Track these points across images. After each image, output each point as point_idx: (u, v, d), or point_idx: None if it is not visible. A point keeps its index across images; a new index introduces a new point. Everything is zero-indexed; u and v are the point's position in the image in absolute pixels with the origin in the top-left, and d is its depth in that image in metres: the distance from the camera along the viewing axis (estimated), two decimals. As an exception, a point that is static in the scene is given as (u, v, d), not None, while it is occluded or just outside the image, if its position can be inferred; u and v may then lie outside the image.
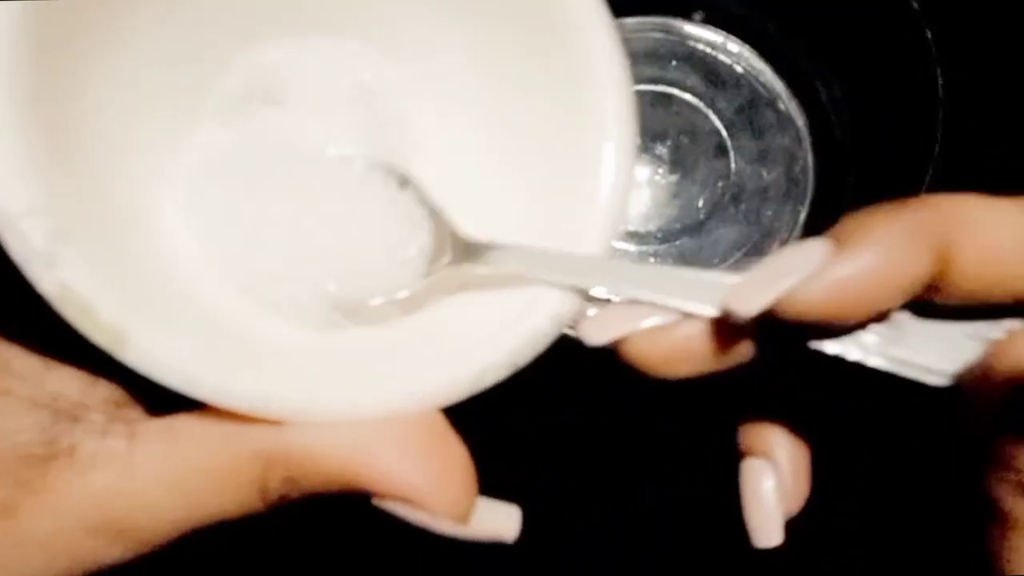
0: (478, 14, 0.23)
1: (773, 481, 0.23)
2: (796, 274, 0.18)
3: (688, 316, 0.20)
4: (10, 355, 0.19)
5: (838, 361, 0.20)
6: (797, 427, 0.23)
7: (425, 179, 0.23)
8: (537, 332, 0.20)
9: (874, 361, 0.19)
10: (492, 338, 0.20)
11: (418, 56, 0.24)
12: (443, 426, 0.19)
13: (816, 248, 0.18)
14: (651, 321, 0.20)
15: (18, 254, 0.17)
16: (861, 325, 0.19)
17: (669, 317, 0.20)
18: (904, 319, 0.20)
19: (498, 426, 0.23)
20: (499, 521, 0.19)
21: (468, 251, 0.22)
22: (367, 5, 0.23)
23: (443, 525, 0.19)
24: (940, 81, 0.35)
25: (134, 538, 0.18)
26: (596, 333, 0.20)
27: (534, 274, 0.21)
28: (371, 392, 0.19)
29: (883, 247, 0.18)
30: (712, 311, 0.19)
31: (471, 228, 0.22)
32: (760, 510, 0.23)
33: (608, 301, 0.21)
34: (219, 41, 0.23)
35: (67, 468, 0.17)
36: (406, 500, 0.18)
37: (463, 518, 0.19)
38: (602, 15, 0.21)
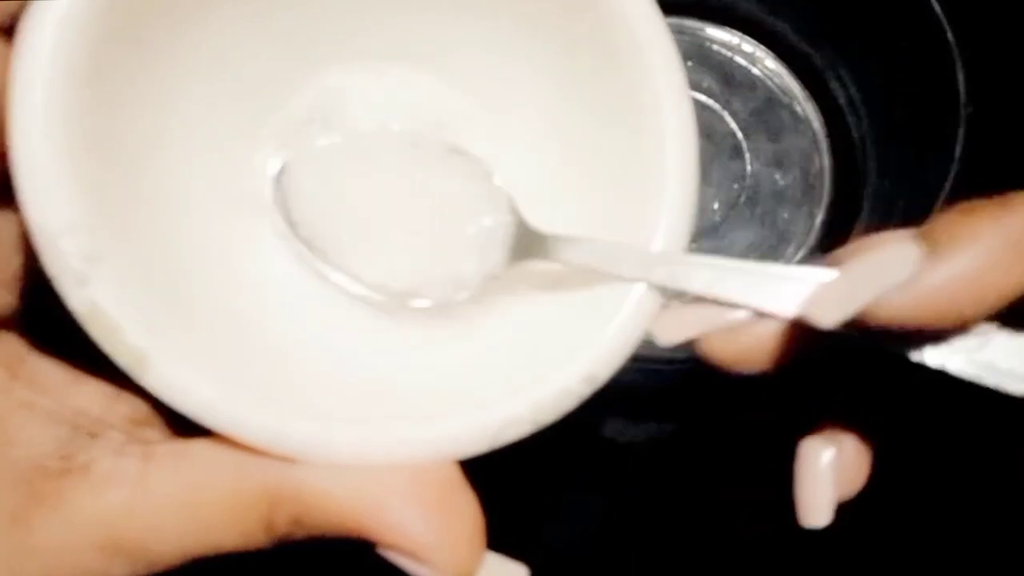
0: (543, 42, 0.23)
1: (832, 458, 0.22)
2: (885, 281, 0.17)
3: (765, 315, 0.19)
4: (40, 367, 0.19)
5: (914, 365, 0.18)
6: (862, 430, 0.22)
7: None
8: (565, 391, 0.19)
9: (955, 365, 0.18)
10: (517, 393, 0.19)
11: (482, 87, 0.24)
12: (456, 478, 0.19)
13: (908, 252, 0.17)
14: (727, 319, 0.19)
15: (53, 270, 0.17)
16: (949, 332, 0.18)
17: (745, 315, 0.19)
18: (988, 326, 0.18)
19: (511, 469, 0.22)
20: None
21: (539, 244, 0.21)
22: (434, 35, 0.23)
23: None
24: (961, 83, 0.34)
25: (141, 558, 0.18)
26: (670, 333, 0.20)
27: (607, 268, 0.20)
28: (386, 437, 0.18)
29: (982, 253, 0.16)
30: (791, 313, 0.19)
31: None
32: (813, 486, 0.22)
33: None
34: (281, 68, 0.23)
35: (81, 484, 0.17)
36: (410, 554, 0.18)
37: (469, 570, 0.18)
38: (659, 23, 0.21)
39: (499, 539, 0.19)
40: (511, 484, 0.23)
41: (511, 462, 0.20)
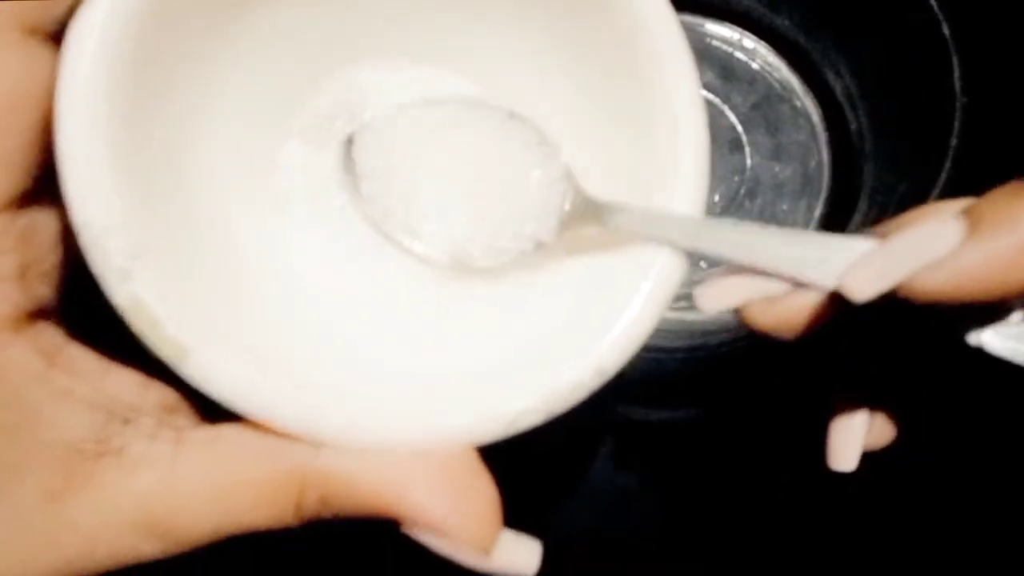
0: (560, 43, 0.23)
1: (866, 413, 0.23)
2: (922, 257, 0.17)
3: (805, 285, 0.19)
4: (76, 355, 0.19)
5: (947, 340, 0.19)
6: (891, 405, 0.23)
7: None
8: (577, 383, 0.20)
9: (989, 342, 0.18)
10: (531, 385, 0.20)
11: (501, 84, 0.25)
12: (474, 461, 0.20)
13: (947, 229, 0.17)
14: (767, 289, 0.20)
15: (97, 266, 0.18)
16: (985, 310, 0.18)
17: (785, 285, 0.20)
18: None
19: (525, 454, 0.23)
20: (520, 556, 0.20)
21: (592, 211, 0.22)
22: (457, 35, 0.24)
23: (466, 556, 0.19)
24: (957, 75, 0.35)
25: (171, 538, 0.18)
26: (713, 301, 0.21)
27: (657, 235, 0.21)
28: (408, 424, 0.19)
29: (1021, 235, 0.16)
30: (830, 284, 0.19)
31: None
32: (845, 432, 0.23)
33: None
34: (305, 65, 0.24)
35: (115, 466, 0.18)
36: (433, 531, 0.19)
37: (486, 551, 0.19)
38: (674, 26, 0.21)
39: (515, 519, 0.20)
40: (526, 466, 0.23)
41: (526, 445, 0.21)
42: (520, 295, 0.24)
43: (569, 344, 0.21)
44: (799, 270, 0.19)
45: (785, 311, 0.20)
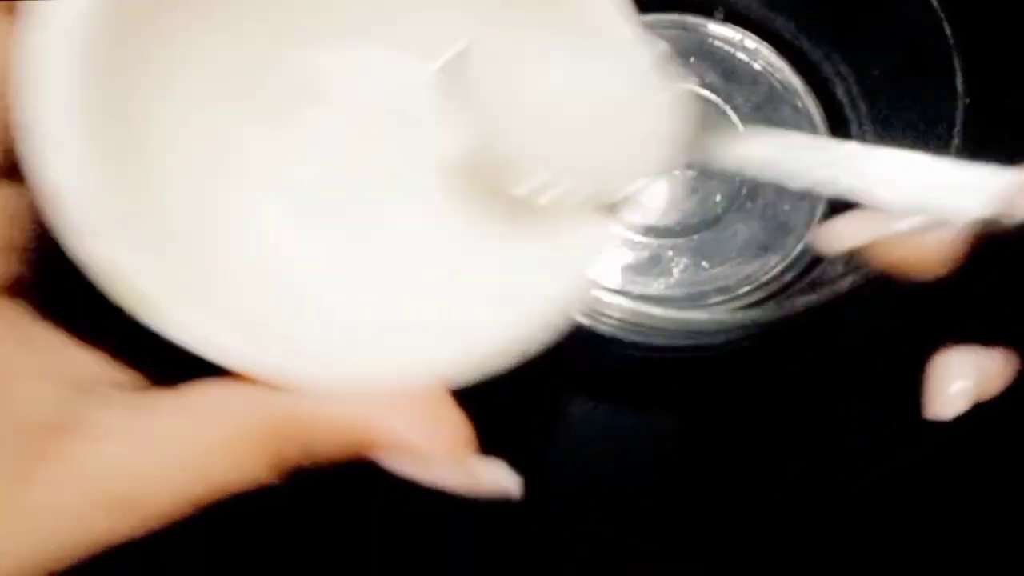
0: (521, 20, 0.24)
1: (981, 356, 0.20)
2: None
3: (945, 219, 0.18)
4: (45, 333, 0.19)
5: None
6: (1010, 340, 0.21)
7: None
8: (543, 321, 0.21)
9: None
10: (500, 325, 0.21)
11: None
12: (447, 398, 0.20)
13: None
14: (899, 226, 0.19)
15: (67, 228, 0.18)
16: None
17: (918, 220, 0.19)
18: None
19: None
20: (503, 478, 0.20)
21: (714, 139, 0.22)
22: (416, 15, 0.25)
23: (454, 479, 0.19)
24: (959, 76, 0.35)
25: (146, 513, 0.18)
26: (835, 240, 0.19)
27: (784, 163, 0.20)
28: (381, 366, 0.20)
29: None
30: (978, 213, 0.18)
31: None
32: (948, 373, 0.20)
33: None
34: (267, 45, 0.24)
35: (80, 440, 0.18)
36: (415, 455, 0.19)
37: (463, 462, 0.20)
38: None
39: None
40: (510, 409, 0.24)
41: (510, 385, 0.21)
42: (485, 259, 0.24)
43: (534, 295, 0.22)
44: (945, 200, 0.18)
45: (919, 246, 0.19)
